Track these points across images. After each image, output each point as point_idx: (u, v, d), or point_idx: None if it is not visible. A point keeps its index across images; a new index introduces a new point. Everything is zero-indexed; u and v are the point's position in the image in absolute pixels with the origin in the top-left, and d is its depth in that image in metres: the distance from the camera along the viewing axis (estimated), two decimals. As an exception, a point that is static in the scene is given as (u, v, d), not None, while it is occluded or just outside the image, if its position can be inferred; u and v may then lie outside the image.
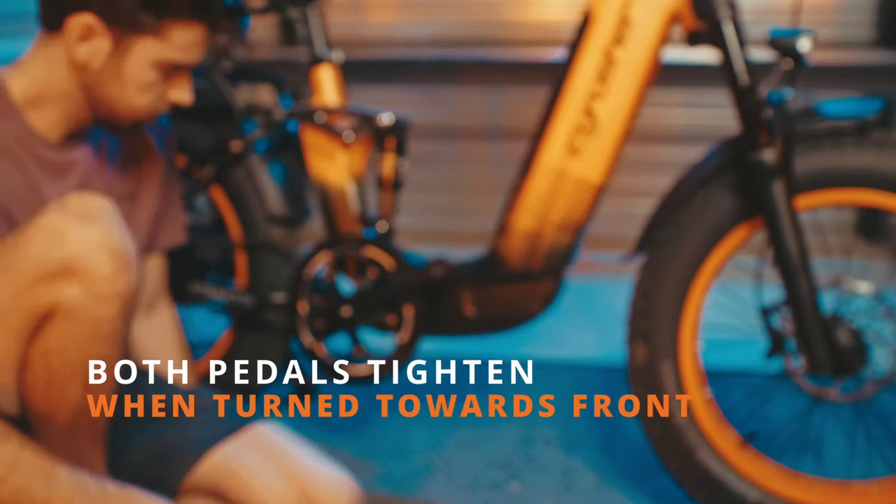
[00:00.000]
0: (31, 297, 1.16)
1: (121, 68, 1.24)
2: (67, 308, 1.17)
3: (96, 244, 1.17)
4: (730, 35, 1.43)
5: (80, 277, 1.16)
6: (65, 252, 1.15)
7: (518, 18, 3.53)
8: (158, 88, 1.29)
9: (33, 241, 1.15)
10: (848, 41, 3.30)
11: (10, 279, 1.15)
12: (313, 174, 1.80)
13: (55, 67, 1.25)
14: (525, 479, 1.81)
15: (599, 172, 1.57)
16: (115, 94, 1.26)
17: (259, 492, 1.41)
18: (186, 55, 1.28)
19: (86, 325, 1.18)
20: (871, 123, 1.45)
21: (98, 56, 1.23)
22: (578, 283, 3.01)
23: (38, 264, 1.15)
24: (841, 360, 1.45)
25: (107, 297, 1.18)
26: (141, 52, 1.24)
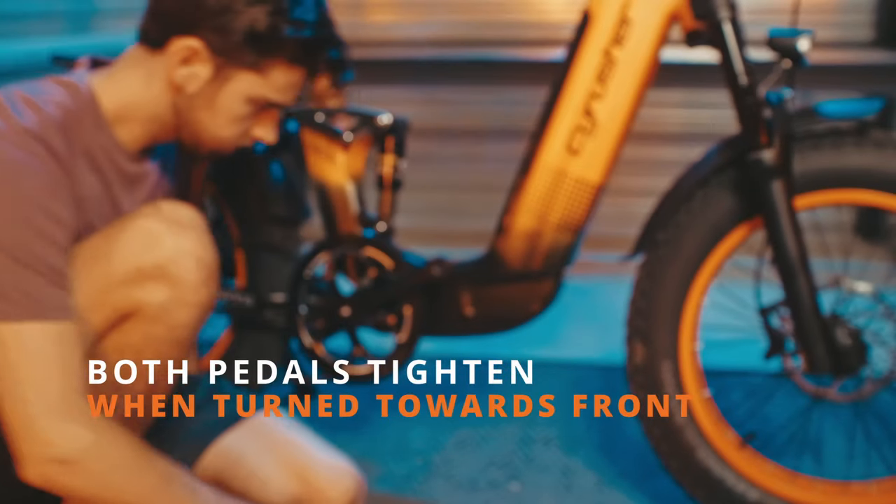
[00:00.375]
0: (119, 295, 1.19)
1: (215, 97, 1.24)
2: (152, 310, 1.20)
3: (189, 252, 1.21)
4: (729, 35, 1.43)
5: (170, 282, 1.20)
6: (159, 256, 1.19)
7: (518, 18, 3.53)
8: (246, 123, 1.29)
9: (129, 242, 1.19)
10: (847, 41, 3.30)
11: (100, 275, 1.18)
12: (313, 174, 1.80)
13: (151, 85, 1.24)
14: (525, 479, 1.81)
15: (599, 172, 1.57)
16: (204, 121, 1.26)
17: (261, 482, 1.44)
18: (282, 96, 1.27)
19: (166, 329, 1.22)
20: (870, 123, 1.45)
21: (196, 81, 1.22)
22: (578, 283, 3.01)
23: (132, 265, 1.18)
24: (840, 360, 1.45)
25: (191, 304, 1.22)
26: (238, 85, 1.24)
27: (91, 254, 1.19)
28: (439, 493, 1.76)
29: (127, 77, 1.26)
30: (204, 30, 1.19)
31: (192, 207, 1.27)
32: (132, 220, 1.21)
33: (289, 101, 1.29)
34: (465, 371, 2.35)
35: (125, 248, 1.19)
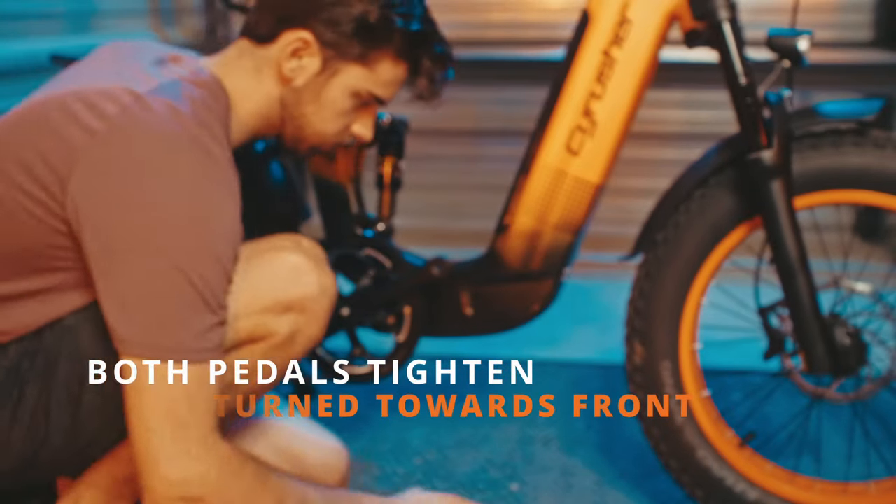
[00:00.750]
0: (257, 321, 1.22)
1: (322, 90, 1.25)
2: (280, 338, 1.24)
3: (328, 291, 1.27)
4: (729, 35, 1.43)
5: (307, 316, 1.25)
6: (306, 293, 1.24)
7: (518, 18, 3.54)
8: (349, 118, 1.30)
9: (276, 275, 1.23)
10: (847, 41, 3.31)
11: (246, 300, 1.20)
12: (313, 174, 1.80)
13: (261, 80, 1.25)
14: (525, 479, 1.82)
15: (598, 172, 1.58)
16: (309, 115, 1.27)
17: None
18: (385, 91, 1.30)
19: (284, 355, 1.27)
20: (870, 123, 1.45)
21: (305, 73, 1.23)
22: (578, 283, 3.02)
23: (277, 296, 1.22)
24: (839, 360, 1.45)
25: (312, 337, 1.28)
26: (346, 78, 1.25)
27: (236, 281, 1.19)
28: (439, 493, 1.76)
29: (239, 74, 1.26)
30: (315, 22, 1.20)
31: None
32: (271, 250, 1.26)
33: (390, 97, 1.32)
34: (465, 371, 2.35)
35: (272, 280, 1.22)
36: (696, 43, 1.50)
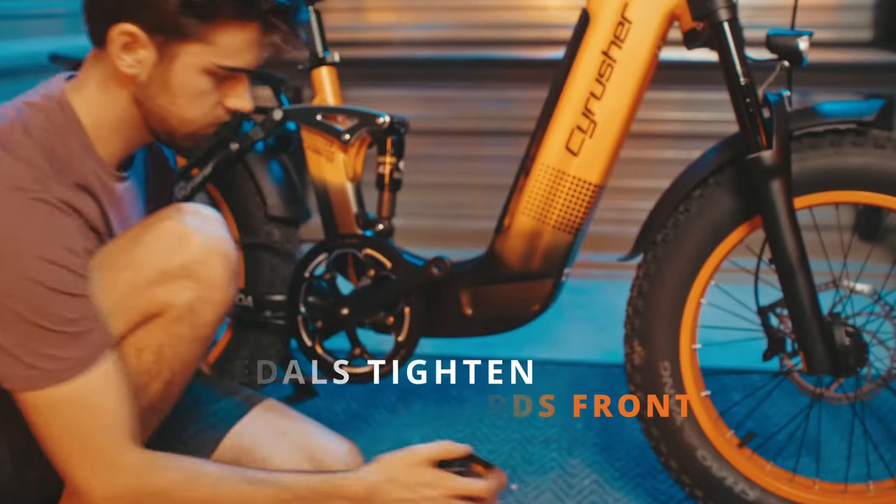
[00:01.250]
0: (147, 297, 1.18)
1: (168, 79, 1.18)
2: (178, 310, 1.20)
3: (216, 251, 1.21)
4: (728, 35, 1.43)
5: (198, 281, 1.20)
6: (187, 256, 1.18)
7: (517, 18, 3.54)
8: (212, 97, 1.23)
9: (153, 243, 1.18)
10: (847, 41, 3.31)
11: (126, 278, 1.17)
12: (312, 174, 1.80)
13: (109, 87, 1.21)
14: (525, 479, 1.82)
15: (598, 172, 1.58)
16: (167, 107, 1.21)
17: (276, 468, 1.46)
18: (239, 59, 1.20)
19: (191, 327, 1.22)
20: (869, 123, 1.45)
21: (144, 66, 1.17)
22: (578, 283, 3.02)
23: (159, 267, 1.18)
24: (839, 360, 1.45)
25: (216, 302, 1.22)
26: (187, 59, 1.18)
27: (113, 260, 1.18)
28: (439, 493, 1.76)
29: (89, 84, 1.21)
30: (136, 11, 1.14)
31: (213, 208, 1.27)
32: (155, 222, 1.20)
33: (250, 63, 1.22)
34: (465, 371, 2.35)
35: (151, 251, 1.18)
36: (696, 43, 1.50)
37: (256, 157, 1.91)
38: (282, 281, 1.90)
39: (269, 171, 1.91)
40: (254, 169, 1.90)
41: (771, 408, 2.09)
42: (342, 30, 3.66)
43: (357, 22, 3.68)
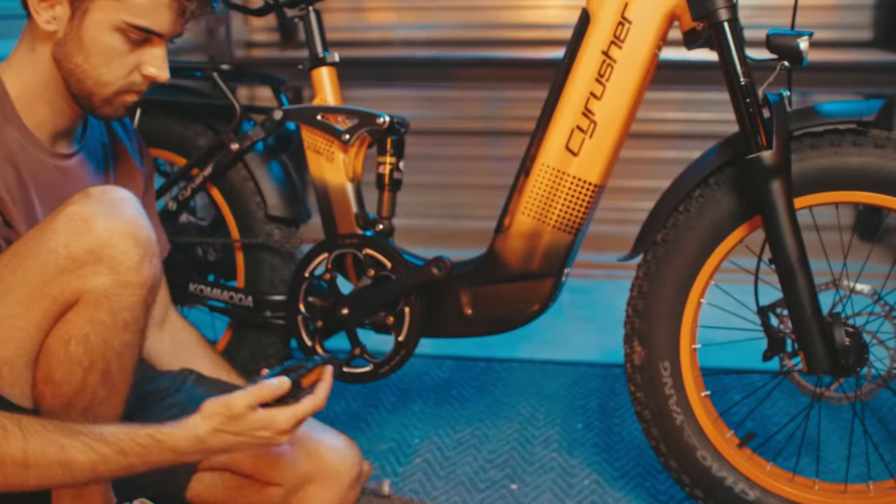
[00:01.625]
0: (58, 285, 1.16)
1: (81, 35, 1.21)
2: (93, 295, 1.17)
3: (123, 232, 1.18)
4: (728, 35, 1.43)
5: (108, 265, 1.16)
6: (92, 240, 1.16)
7: (517, 19, 3.54)
8: (127, 60, 1.25)
9: (60, 230, 1.16)
10: (847, 41, 3.31)
11: (36, 267, 1.15)
12: (313, 174, 1.80)
13: (36, 48, 1.23)
14: (524, 479, 1.82)
15: (598, 172, 1.57)
16: (83, 66, 1.22)
17: (268, 463, 1.47)
18: (148, 20, 1.22)
19: (110, 312, 1.19)
20: (869, 123, 1.45)
21: (60, 22, 1.20)
22: (578, 283, 3.02)
23: (66, 252, 1.15)
24: (839, 360, 1.45)
25: (132, 284, 1.19)
26: (98, 14, 1.20)
27: (22, 251, 1.16)
28: (439, 493, 1.76)
29: (19, 54, 1.24)
30: None
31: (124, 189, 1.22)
32: (60, 210, 1.18)
33: (162, 27, 1.23)
34: (466, 371, 2.35)
35: (55, 238, 1.15)
36: (696, 43, 1.50)
37: (256, 157, 1.91)
38: (282, 281, 1.90)
39: (269, 171, 1.91)
40: (254, 169, 1.90)
41: (771, 408, 2.10)
42: (342, 30, 3.66)
43: (357, 22, 3.68)
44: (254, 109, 1.97)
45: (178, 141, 1.93)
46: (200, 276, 2.02)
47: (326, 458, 1.52)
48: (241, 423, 1.21)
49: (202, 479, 1.54)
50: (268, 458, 1.49)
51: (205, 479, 1.54)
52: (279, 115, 1.80)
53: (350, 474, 1.53)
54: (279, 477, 1.49)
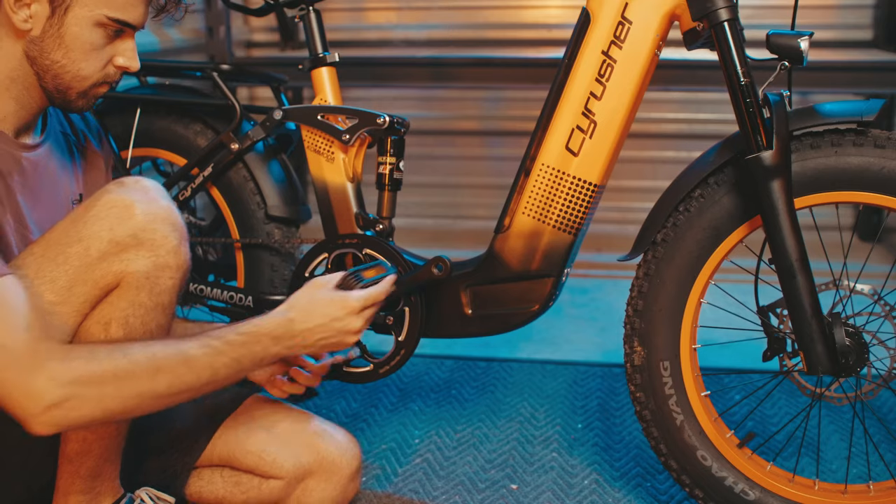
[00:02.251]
0: (100, 269, 1.20)
1: (62, 31, 1.23)
2: (135, 278, 1.22)
3: (162, 218, 1.24)
4: (728, 35, 1.43)
5: (149, 248, 1.22)
6: (134, 225, 1.21)
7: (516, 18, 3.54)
8: (104, 53, 1.27)
9: (102, 216, 1.20)
10: (847, 41, 3.31)
11: (78, 253, 1.19)
12: (313, 174, 1.80)
13: (2, 44, 1.23)
14: (524, 479, 1.82)
15: (598, 172, 1.57)
16: (61, 61, 1.24)
17: (271, 457, 1.49)
18: (127, 13, 1.26)
19: (150, 295, 1.24)
20: (870, 123, 1.45)
21: (38, 20, 1.21)
22: (578, 283, 3.02)
23: (110, 236, 1.20)
24: (839, 360, 1.45)
25: (171, 267, 1.25)
26: (80, 11, 1.23)
27: (60, 239, 1.19)
28: (439, 493, 1.76)
29: None
30: None
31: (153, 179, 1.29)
32: (96, 198, 1.22)
33: (136, 19, 1.27)
34: (466, 371, 2.35)
35: (97, 224, 1.20)
36: (696, 43, 1.50)
37: (257, 156, 1.91)
38: (282, 281, 1.90)
39: (269, 171, 1.91)
40: (254, 169, 1.90)
41: (771, 408, 2.10)
42: (342, 30, 3.66)
43: (357, 22, 3.68)
44: (254, 109, 1.97)
45: (178, 141, 1.93)
46: (200, 276, 2.02)
47: (326, 451, 1.53)
48: (322, 304, 1.37)
49: (201, 475, 1.55)
50: (267, 451, 1.50)
51: (204, 475, 1.55)
52: (279, 115, 1.81)
53: (350, 467, 1.55)
54: (279, 471, 1.50)
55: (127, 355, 1.15)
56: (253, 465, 1.51)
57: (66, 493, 1.33)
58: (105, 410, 1.14)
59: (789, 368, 1.55)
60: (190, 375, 1.20)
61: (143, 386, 1.16)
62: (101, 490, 1.36)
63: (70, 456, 1.31)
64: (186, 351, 1.21)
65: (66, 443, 1.30)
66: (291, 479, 1.51)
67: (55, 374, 1.10)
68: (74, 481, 1.32)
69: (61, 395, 1.09)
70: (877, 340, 1.51)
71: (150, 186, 1.26)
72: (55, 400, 1.09)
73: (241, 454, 1.51)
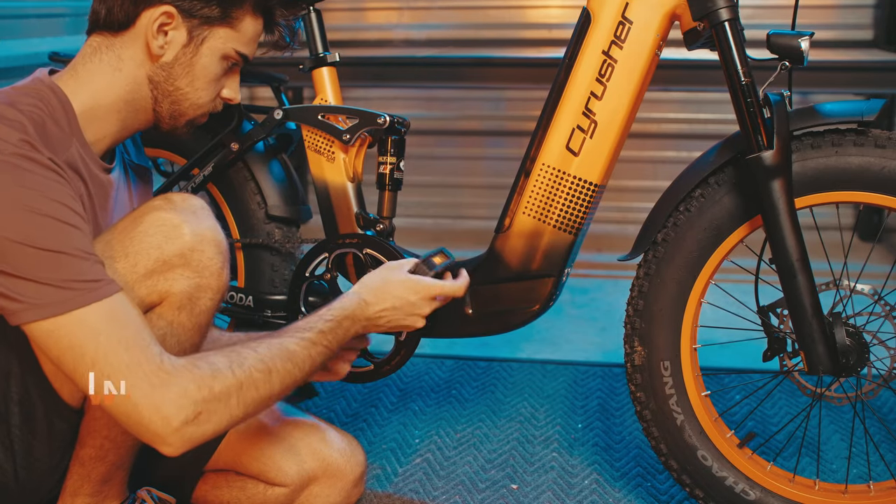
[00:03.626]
0: (146, 287, 1.21)
1: (193, 60, 1.27)
2: (178, 298, 1.24)
3: (209, 239, 1.25)
4: (729, 35, 1.43)
5: (195, 269, 1.24)
6: (182, 244, 1.22)
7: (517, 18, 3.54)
8: (219, 84, 1.32)
9: (151, 234, 1.21)
10: (847, 41, 3.31)
11: (124, 269, 1.20)
12: (313, 174, 1.80)
13: (122, 68, 1.25)
14: (524, 479, 1.82)
15: (598, 172, 1.57)
16: (184, 88, 1.28)
17: (277, 464, 1.50)
18: (249, 47, 1.32)
19: (190, 315, 1.26)
20: (870, 123, 1.45)
21: (173, 47, 1.24)
22: (578, 283, 3.02)
23: (158, 254, 1.21)
24: (839, 360, 1.45)
25: (212, 289, 1.27)
26: (214, 42, 1.27)
27: (104, 252, 1.19)
28: (439, 493, 1.76)
29: (93, 70, 1.26)
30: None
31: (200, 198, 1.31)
32: (144, 213, 1.23)
33: (253, 54, 1.34)
34: (466, 371, 2.35)
35: (146, 241, 1.21)
36: (696, 43, 1.50)
37: (257, 156, 1.91)
38: (282, 281, 1.90)
39: (269, 171, 1.91)
40: (254, 169, 1.89)
41: (771, 408, 2.10)
42: (342, 30, 3.66)
43: (357, 22, 3.68)
44: (254, 109, 1.97)
45: (179, 140, 1.93)
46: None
47: (331, 458, 1.54)
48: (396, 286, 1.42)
49: (207, 479, 1.56)
50: (272, 458, 1.50)
51: (209, 480, 1.56)
52: (280, 115, 1.80)
53: (354, 473, 1.56)
54: (284, 477, 1.50)
55: (244, 363, 1.17)
56: (258, 472, 1.51)
57: (74, 493, 1.33)
58: (231, 419, 1.16)
59: (789, 368, 1.55)
60: (296, 370, 1.24)
61: (261, 391, 1.19)
62: (109, 494, 1.36)
63: (83, 460, 1.31)
64: (287, 347, 1.24)
65: (82, 447, 1.30)
66: (296, 486, 1.51)
67: (186, 392, 1.11)
68: (84, 484, 1.32)
69: (193, 412, 1.11)
70: (877, 340, 1.51)
71: (198, 205, 1.28)
72: (188, 417, 1.10)
73: (246, 460, 1.51)
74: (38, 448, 1.25)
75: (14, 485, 1.24)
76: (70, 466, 1.32)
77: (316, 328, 1.29)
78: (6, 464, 1.22)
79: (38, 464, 1.26)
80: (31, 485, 1.27)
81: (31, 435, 1.23)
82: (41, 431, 1.23)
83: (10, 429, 1.22)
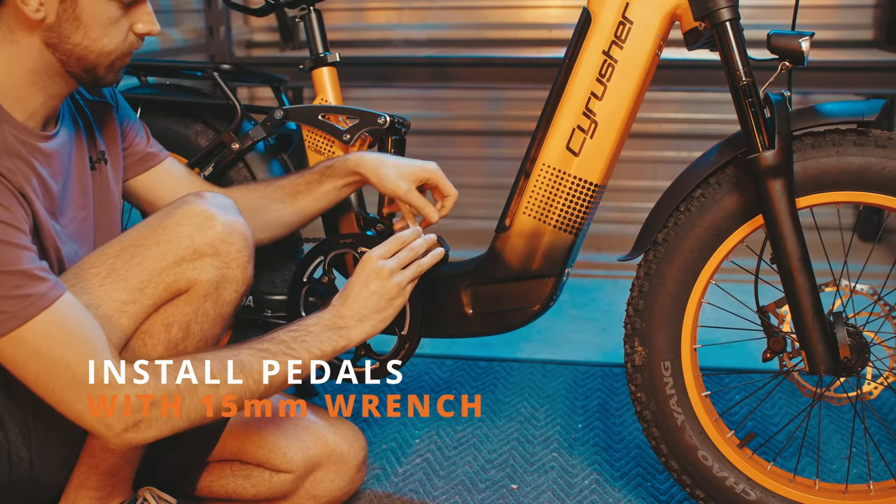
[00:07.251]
0: (174, 273, 1.25)
1: (77, 12, 1.21)
2: (204, 286, 1.28)
3: (239, 233, 1.30)
4: (729, 35, 1.43)
5: (223, 259, 1.28)
6: (214, 235, 1.27)
7: (517, 18, 3.54)
8: (122, 24, 1.26)
9: (183, 223, 1.26)
10: (847, 41, 3.31)
11: (155, 255, 1.24)
12: (313, 174, 1.80)
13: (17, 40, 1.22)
14: (524, 479, 1.82)
15: (599, 172, 1.57)
16: (83, 42, 1.23)
17: (281, 451, 1.51)
18: None
19: (215, 305, 1.30)
20: (870, 123, 1.45)
21: (50, 7, 1.20)
22: (578, 283, 3.02)
23: (189, 242, 1.25)
24: (839, 360, 1.45)
25: (237, 280, 1.31)
26: None
27: (137, 241, 1.24)
28: (439, 493, 1.76)
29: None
30: None
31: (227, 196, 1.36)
32: (177, 206, 1.28)
33: None
34: (466, 371, 2.35)
35: (179, 230, 1.25)
36: (697, 43, 1.50)
37: (257, 156, 1.91)
38: (282, 281, 1.90)
39: (269, 171, 1.91)
40: (255, 168, 1.89)
41: (771, 408, 2.10)
42: (342, 30, 3.66)
43: (358, 22, 3.68)
44: (254, 109, 1.97)
45: (179, 140, 1.93)
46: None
47: (334, 443, 1.56)
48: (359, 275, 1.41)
49: (212, 469, 1.57)
50: (277, 445, 1.52)
51: (214, 469, 1.57)
52: (280, 115, 1.80)
53: (357, 458, 1.59)
54: (289, 464, 1.52)
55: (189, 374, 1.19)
56: (263, 459, 1.53)
57: (80, 486, 1.34)
58: (173, 427, 1.19)
59: (789, 368, 1.55)
60: (250, 381, 1.25)
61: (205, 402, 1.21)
62: (115, 489, 1.37)
63: (94, 450, 1.34)
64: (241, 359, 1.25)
65: (93, 437, 1.32)
66: (301, 472, 1.54)
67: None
68: (90, 475, 1.34)
69: (133, 421, 1.15)
70: (877, 340, 1.51)
71: (228, 203, 1.32)
72: (128, 425, 1.15)
73: (251, 448, 1.53)
74: (52, 438, 1.28)
75: (29, 474, 1.27)
76: (80, 457, 1.34)
77: (277, 338, 1.31)
78: (23, 453, 1.24)
79: (51, 454, 1.29)
80: (44, 476, 1.29)
81: (46, 425, 1.26)
82: (55, 422, 1.24)
83: (27, 419, 1.24)
